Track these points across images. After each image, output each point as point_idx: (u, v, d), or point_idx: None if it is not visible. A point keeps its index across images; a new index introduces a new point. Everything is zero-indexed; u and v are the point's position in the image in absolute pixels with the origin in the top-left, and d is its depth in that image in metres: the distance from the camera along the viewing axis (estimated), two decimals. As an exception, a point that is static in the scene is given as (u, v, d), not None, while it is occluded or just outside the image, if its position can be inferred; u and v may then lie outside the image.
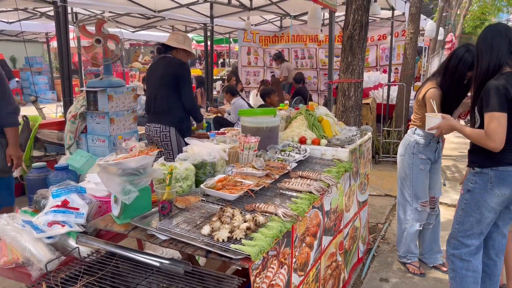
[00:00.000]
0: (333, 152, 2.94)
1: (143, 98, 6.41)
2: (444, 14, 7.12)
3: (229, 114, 6.37)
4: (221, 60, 18.45)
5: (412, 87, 7.04)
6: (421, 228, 3.32)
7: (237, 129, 3.72)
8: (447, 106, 2.97)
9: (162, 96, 3.69)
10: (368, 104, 6.55)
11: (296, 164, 2.69)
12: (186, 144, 2.57)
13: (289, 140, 3.05)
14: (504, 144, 2.24)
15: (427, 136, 3.10)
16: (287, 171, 2.50)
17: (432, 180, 3.30)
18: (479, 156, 2.40)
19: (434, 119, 2.56)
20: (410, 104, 7.01)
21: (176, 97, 3.63)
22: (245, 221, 1.75)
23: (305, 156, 2.83)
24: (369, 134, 3.46)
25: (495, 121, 2.21)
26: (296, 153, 2.84)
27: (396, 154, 6.51)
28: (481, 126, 2.33)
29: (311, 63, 9.63)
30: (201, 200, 2.05)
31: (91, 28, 3.88)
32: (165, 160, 2.29)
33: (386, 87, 7.00)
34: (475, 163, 2.45)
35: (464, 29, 18.79)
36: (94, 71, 11.65)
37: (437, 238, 3.45)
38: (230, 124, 5.92)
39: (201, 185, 2.12)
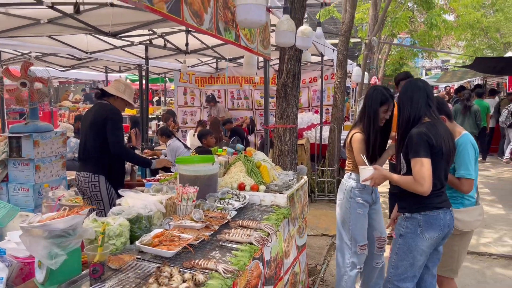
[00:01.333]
0: (272, 198, 2.96)
1: (73, 140, 6.08)
2: (368, 61, 7.70)
3: (165, 156, 6.24)
4: (156, 98, 18.23)
5: (342, 127, 7.43)
6: (360, 270, 3.39)
7: (172, 174, 3.63)
8: (372, 148, 3.13)
9: (91, 143, 3.51)
10: (302, 144, 6.77)
11: (236, 212, 2.67)
12: (119, 195, 2.45)
13: (228, 187, 3.03)
14: (431, 186, 2.36)
15: None
16: (227, 221, 2.46)
17: (375, 221, 3.39)
18: (408, 201, 2.52)
19: (367, 171, 2.66)
20: (341, 143, 7.37)
21: (106, 143, 3.47)
22: (184, 281, 1.67)
23: (244, 203, 2.82)
24: (305, 178, 3.56)
25: (421, 166, 2.34)
26: (236, 200, 2.83)
27: (330, 192, 6.78)
28: (408, 172, 2.48)
29: (247, 104, 9.84)
30: (137, 258, 1.94)
31: (17, 67, 3.67)
32: (96, 214, 2.16)
33: (319, 127, 7.31)
34: (405, 208, 2.55)
35: (386, 71, 20.46)
36: (18, 110, 10.92)
37: (383, 275, 3.51)
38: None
39: (136, 242, 2.01)
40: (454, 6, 12.92)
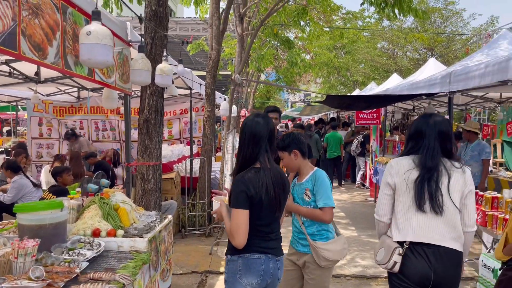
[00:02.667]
0: (131, 243, 2.77)
1: None
2: (235, 95, 8.01)
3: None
4: (7, 128, 16.12)
5: (213, 159, 7.51)
6: None
7: (13, 221, 3.16)
8: None
9: None
10: (172, 178, 6.61)
11: (88, 263, 2.41)
12: None
13: (80, 235, 2.75)
14: (246, 239, 2.21)
15: None
16: (75, 275, 2.20)
17: None
18: (231, 243, 2.32)
19: (215, 202, 2.51)
20: (212, 176, 7.40)
21: None
22: None
23: (99, 251, 2.58)
24: (169, 217, 3.43)
25: (237, 218, 2.20)
26: (89, 249, 2.57)
27: (201, 226, 6.70)
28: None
29: (113, 135, 9.30)
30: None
31: None
32: None
33: (189, 160, 7.26)
34: (228, 250, 2.38)
35: (255, 104, 21.65)
36: None
37: None
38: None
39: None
40: (310, 48, 14.45)
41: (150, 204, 3.65)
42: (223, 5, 7.18)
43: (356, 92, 16.60)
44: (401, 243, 2.40)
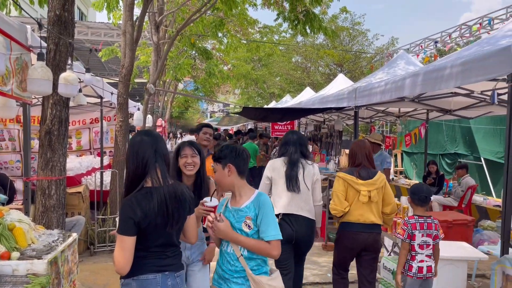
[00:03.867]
0: (28, 266, 2.54)
1: None
2: (150, 104, 7.79)
3: None
4: None
5: (124, 172, 7.17)
6: None
7: None
8: None
9: None
10: (80, 192, 6.19)
11: (-26, 292, 2.16)
12: None
13: (-35, 260, 2.45)
14: (129, 266, 2.07)
15: None
16: (-43, 307, 1.95)
17: (189, 285, 3.00)
18: None
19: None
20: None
21: None
22: None
23: (-12, 278, 2.32)
24: (74, 235, 3.20)
25: (120, 245, 2.06)
26: (-25, 276, 2.30)
27: (112, 242, 6.35)
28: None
29: (13, 146, 8.47)
30: None
31: None
32: None
33: (99, 172, 6.88)
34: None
35: (173, 113, 21.28)
36: None
37: None
38: None
39: None
40: (227, 59, 14.65)
41: (52, 222, 3.37)
42: (138, 12, 6.99)
43: (273, 104, 17.17)
44: (277, 215, 3.26)
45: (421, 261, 3.33)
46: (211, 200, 2.60)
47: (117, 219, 2.21)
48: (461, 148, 11.91)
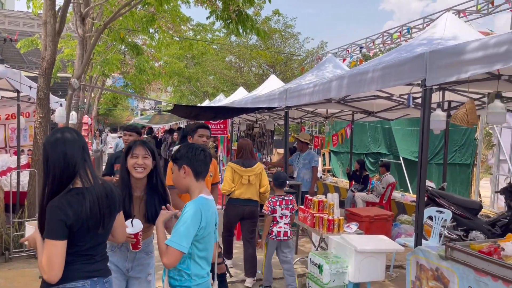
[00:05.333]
0: None
1: None
2: (74, 100, 7.36)
3: None
4: None
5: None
6: None
7: None
8: None
9: None
10: (-7, 194, 5.69)
11: None
12: None
13: None
14: (60, 274, 1.94)
15: None
16: None
17: None
18: None
19: (29, 227, 2.23)
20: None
21: None
22: None
23: None
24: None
25: (50, 250, 1.92)
26: None
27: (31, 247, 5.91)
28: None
29: None
30: None
31: None
32: None
33: (15, 172, 6.37)
34: (44, 283, 2.02)
35: (99, 110, 20.28)
36: None
37: None
38: None
39: None
40: (158, 56, 14.28)
41: (-42, 227, 3.06)
42: (61, 1, 6.56)
43: (206, 102, 17.07)
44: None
45: (280, 227, 4.57)
46: (132, 224, 2.44)
47: (27, 224, 2.04)
48: (383, 148, 12.72)
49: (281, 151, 12.30)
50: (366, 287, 4.39)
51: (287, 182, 5.32)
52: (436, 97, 5.29)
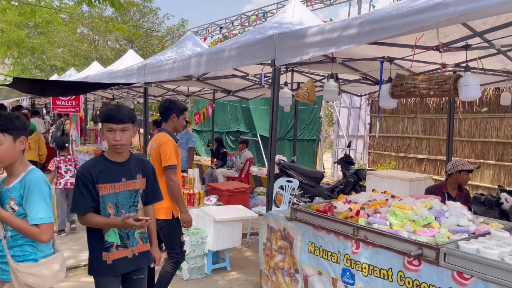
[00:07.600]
0: None
1: None
2: None
3: None
4: None
5: None
6: None
7: None
8: None
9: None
10: None
11: None
12: None
13: None
14: None
15: None
16: None
17: None
18: None
19: None
20: None
21: None
22: None
23: None
24: None
25: None
26: None
27: None
28: None
29: None
30: None
31: None
32: None
33: None
34: None
35: None
36: None
37: None
38: None
39: None
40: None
41: None
42: None
43: (54, 77, 15.38)
44: None
45: (67, 180, 5.78)
46: None
47: None
48: (243, 126, 13.39)
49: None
50: (225, 254, 4.68)
51: (67, 144, 6.38)
52: (285, 78, 5.80)
